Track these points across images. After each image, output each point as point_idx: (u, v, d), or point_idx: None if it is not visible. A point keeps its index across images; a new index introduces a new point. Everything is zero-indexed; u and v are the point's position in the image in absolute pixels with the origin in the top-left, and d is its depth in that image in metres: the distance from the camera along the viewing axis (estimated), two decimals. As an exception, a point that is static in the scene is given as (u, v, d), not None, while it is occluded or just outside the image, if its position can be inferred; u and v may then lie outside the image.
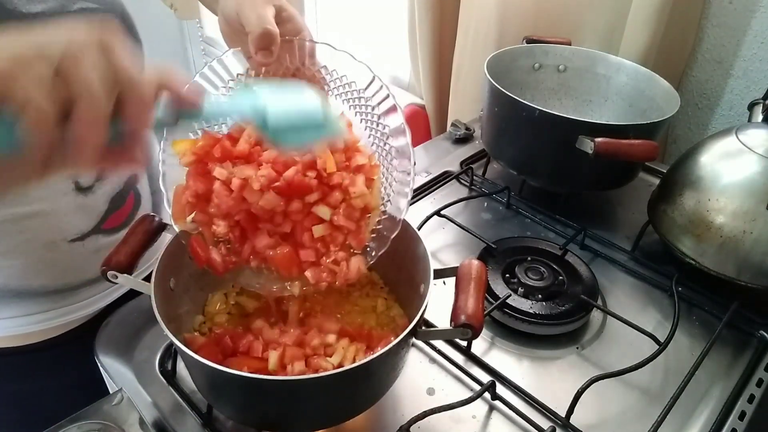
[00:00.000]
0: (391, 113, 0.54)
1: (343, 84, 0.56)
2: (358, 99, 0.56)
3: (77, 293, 0.72)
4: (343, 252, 0.54)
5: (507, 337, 0.70)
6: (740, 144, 0.74)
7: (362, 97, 0.56)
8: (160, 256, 0.54)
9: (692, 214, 0.74)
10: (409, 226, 0.61)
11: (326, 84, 0.55)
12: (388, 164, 0.56)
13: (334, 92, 0.56)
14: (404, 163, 0.54)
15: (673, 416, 0.59)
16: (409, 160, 0.53)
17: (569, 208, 0.91)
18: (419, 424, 0.55)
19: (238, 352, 0.54)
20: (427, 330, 0.50)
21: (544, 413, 0.60)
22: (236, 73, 0.55)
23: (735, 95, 1.04)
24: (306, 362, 0.52)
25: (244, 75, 0.54)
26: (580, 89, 1.03)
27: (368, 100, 0.55)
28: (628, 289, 0.78)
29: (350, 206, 0.52)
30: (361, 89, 0.55)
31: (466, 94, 1.29)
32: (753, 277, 0.71)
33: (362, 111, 0.56)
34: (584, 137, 0.77)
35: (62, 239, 0.66)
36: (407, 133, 0.53)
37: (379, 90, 0.55)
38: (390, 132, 0.55)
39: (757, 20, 0.96)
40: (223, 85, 0.54)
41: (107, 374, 0.63)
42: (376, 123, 0.56)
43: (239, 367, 0.48)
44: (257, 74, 0.53)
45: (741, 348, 0.70)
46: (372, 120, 0.56)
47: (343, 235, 0.53)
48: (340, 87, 0.56)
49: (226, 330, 0.57)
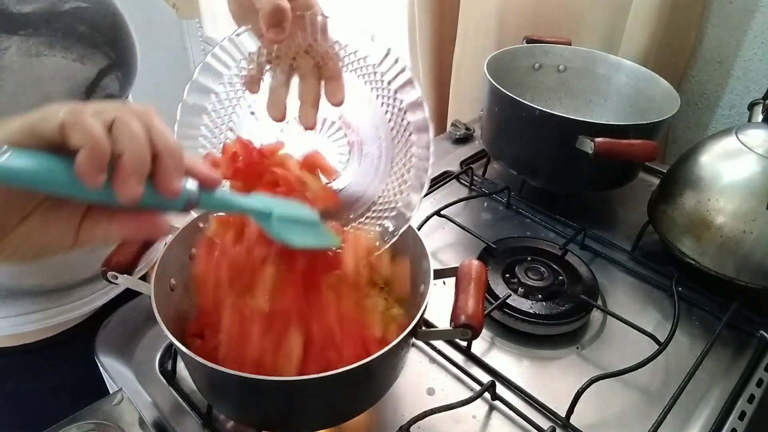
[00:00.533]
0: (407, 87, 0.53)
1: (357, 59, 0.54)
2: (373, 74, 0.54)
3: (72, 293, 0.71)
4: None
5: (507, 337, 0.70)
6: (740, 144, 0.74)
7: (377, 72, 0.54)
8: (160, 256, 0.54)
9: (692, 214, 0.74)
10: (409, 226, 0.61)
11: (340, 60, 0.53)
12: (405, 140, 0.54)
13: (349, 68, 0.54)
14: (423, 138, 0.52)
15: (673, 416, 0.59)
16: (428, 134, 0.52)
17: (569, 208, 0.91)
18: (419, 424, 0.55)
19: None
20: (427, 330, 0.50)
21: (544, 413, 0.60)
22: (248, 52, 0.53)
23: (735, 95, 1.03)
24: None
25: (255, 53, 0.53)
26: (580, 89, 1.03)
27: (383, 74, 0.54)
28: (628, 289, 0.78)
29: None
30: (375, 64, 0.54)
31: (466, 94, 1.29)
32: (753, 277, 0.71)
33: (378, 87, 0.55)
34: (584, 137, 0.77)
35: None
36: (425, 106, 0.52)
37: (395, 64, 0.53)
38: (407, 106, 0.53)
39: (757, 20, 0.96)
40: (235, 64, 0.53)
41: (107, 374, 0.63)
42: (393, 98, 0.54)
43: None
44: (269, 51, 0.52)
45: (741, 348, 0.70)
46: (388, 95, 0.55)
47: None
48: (354, 62, 0.54)
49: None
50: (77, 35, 0.59)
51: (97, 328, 0.67)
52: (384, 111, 0.55)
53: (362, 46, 0.54)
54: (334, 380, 0.46)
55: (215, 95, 0.55)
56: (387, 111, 0.55)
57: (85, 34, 0.60)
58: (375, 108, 0.55)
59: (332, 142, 0.58)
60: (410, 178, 0.54)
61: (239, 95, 0.55)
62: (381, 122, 0.56)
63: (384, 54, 0.53)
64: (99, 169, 0.31)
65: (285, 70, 0.51)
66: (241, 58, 0.53)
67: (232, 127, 0.56)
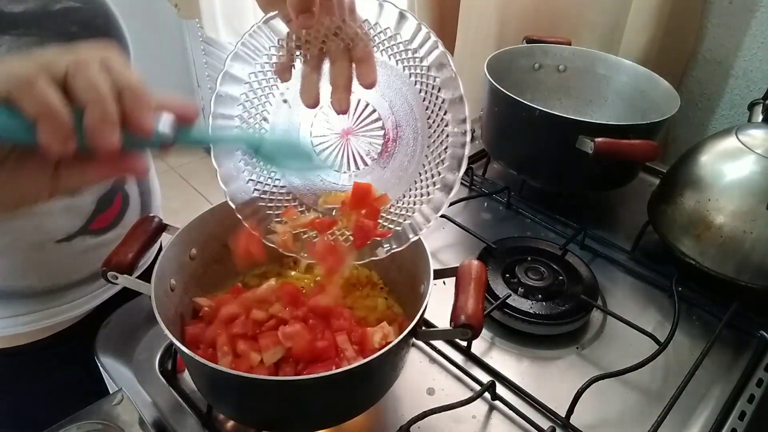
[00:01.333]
0: (440, 63, 0.51)
1: (388, 37, 0.52)
2: (405, 52, 0.53)
3: (65, 294, 0.71)
4: None
5: (507, 337, 0.70)
6: (740, 144, 0.74)
7: (409, 50, 0.52)
8: (160, 256, 0.54)
9: (692, 214, 0.74)
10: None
11: (370, 40, 0.51)
12: (441, 119, 0.53)
13: (379, 48, 0.53)
14: (458, 114, 0.51)
15: (673, 416, 0.59)
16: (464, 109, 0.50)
17: (569, 208, 0.91)
18: (419, 424, 0.55)
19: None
20: (427, 330, 0.50)
21: (544, 413, 0.60)
22: (276, 39, 0.52)
23: (735, 95, 1.03)
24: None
25: (284, 40, 0.51)
26: (580, 89, 1.03)
27: (415, 52, 0.52)
28: (628, 289, 0.78)
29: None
30: (406, 41, 0.52)
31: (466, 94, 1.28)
32: (753, 277, 0.71)
33: (410, 64, 0.53)
34: (584, 137, 0.77)
35: (49, 240, 0.65)
36: (459, 81, 0.50)
37: (427, 40, 0.51)
38: (440, 83, 0.52)
39: (757, 20, 0.96)
40: (265, 52, 0.53)
41: (107, 374, 0.63)
42: (426, 75, 0.52)
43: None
44: (298, 37, 0.50)
45: (741, 348, 0.70)
46: (421, 73, 0.53)
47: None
48: (384, 41, 0.53)
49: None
50: (69, 35, 0.59)
51: (91, 330, 0.66)
52: (418, 90, 0.53)
53: (392, 24, 0.52)
54: (334, 380, 0.46)
55: (248, 85, 0.54)
56: (421, 90, 0.53)
57: (77, 34, 0.59)
58: (409, 87, 0.54)
59: (366, 126, 0.56)
60: (447, 157, 0.52)
61: (271, 84, 0.55)
62: (416, 102, 0.54)
63: (414, 30, 0.51)
64: (63, 138, 0.31)
65: (315, 54, 0.50)
66: (270, 45, 0.53)
67: (266, 117, 0.56)
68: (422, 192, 0.54)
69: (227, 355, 0.52)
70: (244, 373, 0.47)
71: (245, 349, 0.52)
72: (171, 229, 0.57)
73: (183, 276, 0.58)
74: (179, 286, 0.57)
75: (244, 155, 0.56)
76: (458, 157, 0.51)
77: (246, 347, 0.52)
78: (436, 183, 0.53)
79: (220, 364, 0.50)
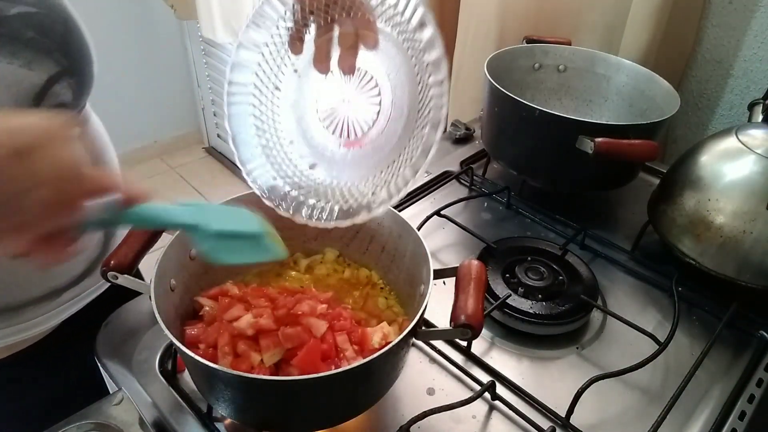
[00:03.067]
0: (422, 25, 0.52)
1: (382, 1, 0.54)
2: (395, 17, 0.54)
3: (20, 313, 0.66)
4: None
5: (507, 337, 0.70)
6: (740, 144, 0.74)
7: (397, 14, 0.54)
8: (159, 256, 0.54)
9: (692, 214, 0.74)
10: (409, 226, 0.61)
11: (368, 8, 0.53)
12: (426, 81, 0.53)
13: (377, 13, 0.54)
14: (438, 76, 0.51)
15: (673, 416, 0.59)
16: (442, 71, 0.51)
17: (569, 208, 0.91)
18: (419, 424, 0.55)
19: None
20: (427, 330, 0.50)
21: (544, 413, 0.60)
22: (284, 10, 0.54)
23: (735, 95, 1.04)
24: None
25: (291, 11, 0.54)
26: (580, 89, 1.03)
27: (401, 15, 0.53)
28: (628, 289, 0.78)
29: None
30: (394, 4, 0.53)
31: (466, 94, 1.29)
32: (753, 277, 0.71)
33: (402, 30, 0.54)
34: (584, 137, 0.77)
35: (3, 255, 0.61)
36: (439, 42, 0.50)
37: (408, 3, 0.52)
38: (423, 46, 0.52)
39: (757, 20, 0.96)
40: (274, 24, 0.55)
41: (107, 374, 0.63)
42: (411, 40, 0.53)
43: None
44: (302, 8, 0.53)
45: (741, 348, 0.70)
46: (409, 38, 0.54)
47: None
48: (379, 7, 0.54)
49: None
50: (25, 40, 0.56)
51: (61, 344, 0.64)
52: (410, 56, 0.55)
53: None
54: (334, 380, 0.46)
55: (262, 55, 0.56)
56: (412, 56, 0.54)
57: (33, 40, 0.57)
58: (403, 53, 0.55)
59: (366, 92, 0.58)
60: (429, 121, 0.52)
61: (282, 55, 0.57)
62: (407, 68, 0.55)
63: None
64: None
65: (321, 23, 0.53)
66: (278, 17, 0.55)
67: (278, 86, 0.58)
68: (407, 157, 0.55)
69: (227, 355, 0.52)
70: (244, 373, 0.47)
71: (245, 350, 0.52)
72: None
73: (183, 276, 0.58)
74: (179, 286, 0.57)
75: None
76: (436, 121, 0.52)
77: (246, 347, 0.52)
78: (419, 147, 0.54)
79: (220, 364, 0.50)
